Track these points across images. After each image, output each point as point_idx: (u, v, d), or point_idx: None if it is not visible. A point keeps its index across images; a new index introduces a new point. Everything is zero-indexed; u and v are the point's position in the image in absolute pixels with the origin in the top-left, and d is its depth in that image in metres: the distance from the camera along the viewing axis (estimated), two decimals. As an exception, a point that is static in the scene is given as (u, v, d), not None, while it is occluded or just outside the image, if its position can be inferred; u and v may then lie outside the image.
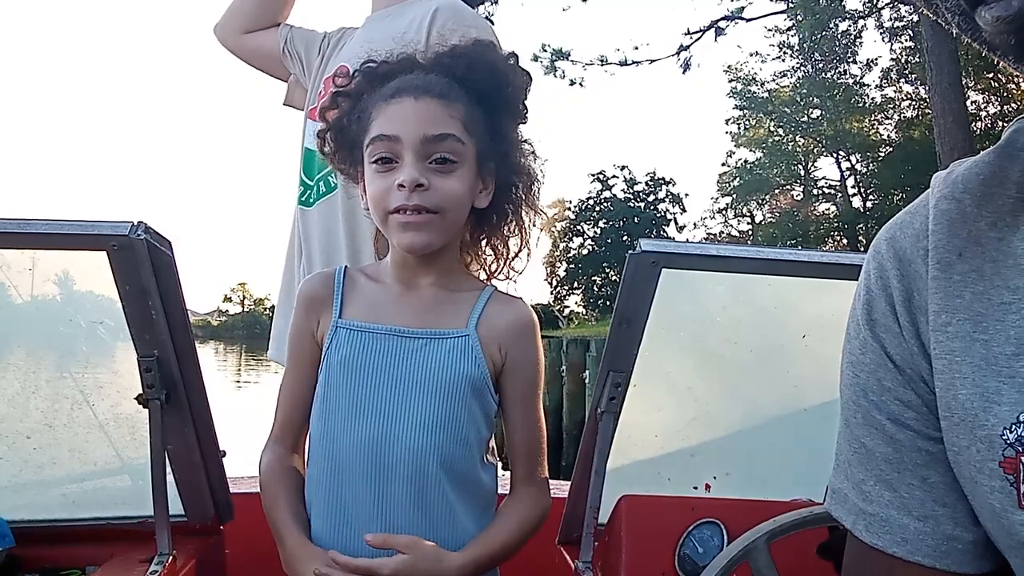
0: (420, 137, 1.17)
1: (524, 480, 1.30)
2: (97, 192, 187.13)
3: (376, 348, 1.22)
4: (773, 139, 37.19)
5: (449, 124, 1.19)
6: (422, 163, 1.17)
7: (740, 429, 1.71)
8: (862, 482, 0.75)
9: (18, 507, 1.48)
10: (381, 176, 1.19)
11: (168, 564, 1.39)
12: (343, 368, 1.22)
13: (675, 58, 18.77)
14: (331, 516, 1.21)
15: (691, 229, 45.08)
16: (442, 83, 1.22)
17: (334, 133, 1.29)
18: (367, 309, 1.26)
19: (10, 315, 1.50)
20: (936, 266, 0.70)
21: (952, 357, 0.67)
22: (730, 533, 1.51)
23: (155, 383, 1.35)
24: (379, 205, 1.19)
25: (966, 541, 0.70)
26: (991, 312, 0.66)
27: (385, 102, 1.20)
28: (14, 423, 1.51)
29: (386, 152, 1.18)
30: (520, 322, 1.27)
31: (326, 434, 1.22)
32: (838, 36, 31.16)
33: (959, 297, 0.68)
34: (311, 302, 1.27)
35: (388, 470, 1.19)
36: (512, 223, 1.32)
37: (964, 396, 0.66)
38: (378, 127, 1.19)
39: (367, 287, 1.28)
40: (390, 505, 1.19)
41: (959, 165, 0.74)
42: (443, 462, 1.20)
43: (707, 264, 1.42)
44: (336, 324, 1.24)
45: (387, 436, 1.19)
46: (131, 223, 1.25)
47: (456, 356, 1.23)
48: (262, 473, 1.27)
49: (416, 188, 1.16)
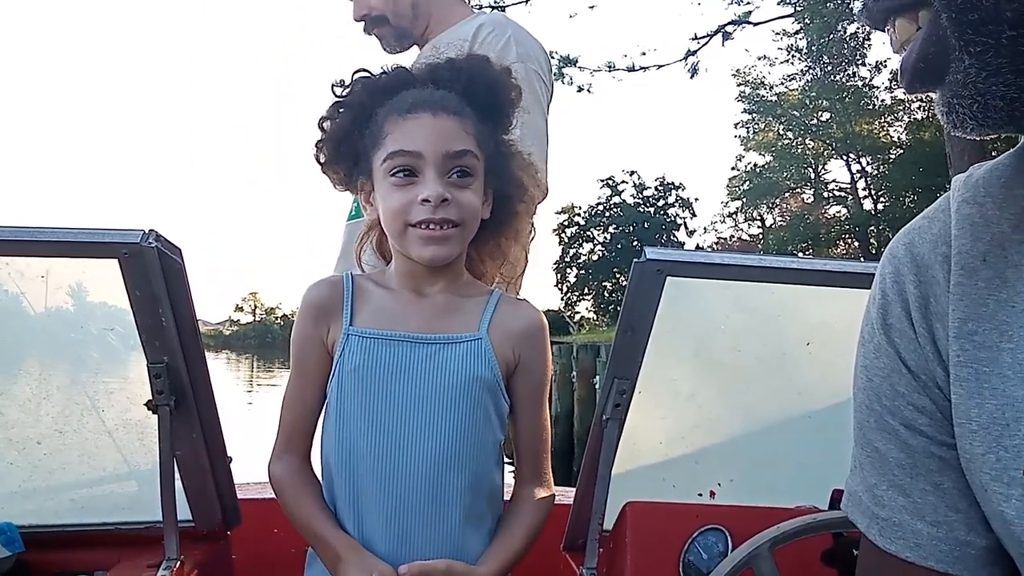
0: (442, 153, 1.19)
1: (531, 479, 1.32)
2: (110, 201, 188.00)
3: (390, 355, 1.23)
4: (783, 142, 37.09)
5: (466, 140, 1.22)
6: (443, 178, 1.20)
7: (744, 436, 1.71)
8: (875, 486, 0.75)
9: (28, 512, 1.50)
10: (401, 190, 1.21)
11: (176, 569, 1.40)
12: (357, 376, 1.23)
13: (683, 63, 18.76)
14: (348, 523, 1.23)
15: (701, 234, 45.09)
16: (455, 100, 1.24)
17: (334, 143, 1.30)
18: (378, 316, 1.27)
19: (23, 322, 1.52)
20: (960, 272, 0.70)
21: (979, 367, 0.68)
22: (734, 539, 1.51)
23: (164, 389, 1.36)
24: (398, 218, 1.21)
25: (979, 547, 0.70)
26: (1016, 320, 0.66)
27: (401, 117, 1.22)
28: (25, 429, 1.52)
29: (407, 167, 1.20)
30: (531, 324, 1.30)
31: (341, 442, 1.23)
32: (846, 39, 31.00)
33: (984, 306, 0.68)
34: (320, 309, 1.28)
35: (406, 476, 1.20)
36: (509, 233, 1.35)
37: (992, 406, 0.66)
38: (396, 142, 1.21)
39: (376, 294, 1.29)
40: (407, 511, 1.20)
41: (978, 168, 0.75)
42: (460, 466, 1.22)
43: (711, 272, 1.42)
44: (348, 332, 1.25)
45: (405, 442, 1.20)
46: (142, 231, 1.26)
47: (470, 359, 1.24)
48: (281, 484, 1.27)
49: (441, 203, 1.18)
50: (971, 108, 0.64)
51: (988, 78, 0.62)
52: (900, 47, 0.70)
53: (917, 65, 0.67)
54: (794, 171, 37.48)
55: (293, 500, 1.26)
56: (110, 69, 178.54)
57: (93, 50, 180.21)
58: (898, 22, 0.69)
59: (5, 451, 1.51)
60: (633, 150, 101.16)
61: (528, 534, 1.27)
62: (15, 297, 1.44)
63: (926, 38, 0.66)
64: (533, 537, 1.28)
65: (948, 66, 0.65)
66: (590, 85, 19.69)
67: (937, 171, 24.11)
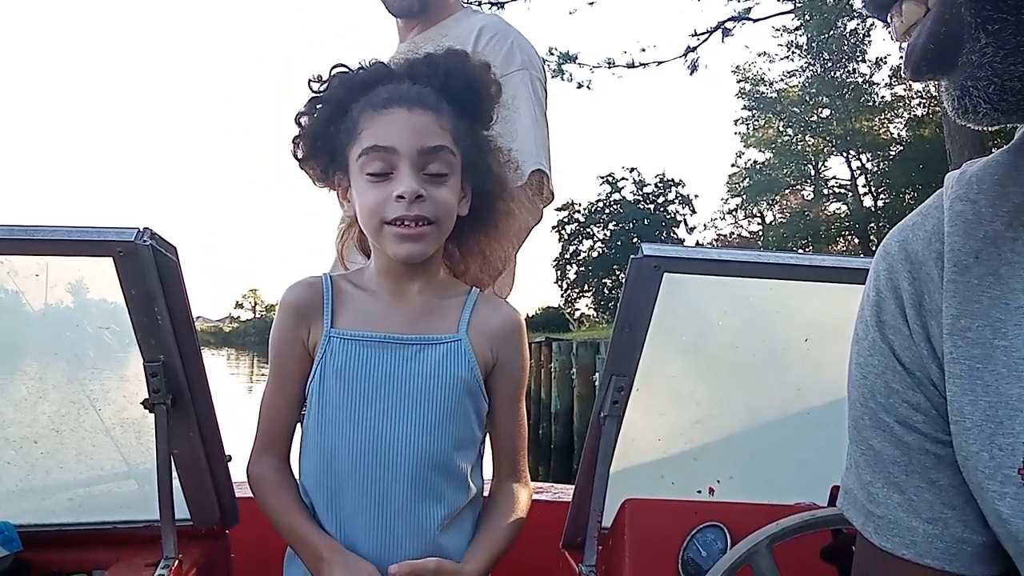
0: (417, 149, 1.18)
1: (510, 476, 1.33)
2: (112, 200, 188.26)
3: (371, 356, 1.23)
4: (782, 139, 37.05)
5: (442, 136, 1.21)
6: (418, 174, 1.19)
7: (743, 432, 1.71)
8: (869, 484, 0.75)
9: (25, 511, 1.49)
10: (375, 187, 1.20)
11: (174, 568, 1.40)
12: (338, 377, 1.23)
13: (682, 59, 18.70)
14: (328, 523, 1.22)
15: (701, 230, 45.04)
16: (431, 95, 1.23)
17: (310, 139, 1.28)
18: (358, 318, 1.26)
19: (18, 321, 1.51)
20: (952, 269, 0.69)
21: (972, 363, 0.67)
22: (733, 536, 1.51)
23: (161, 388, 1.35)
24: (374, 215, 1.20)
25: (975, 543, 0.70)
26: (1009, 317, 0.66)
27: (377, 112, 1.21)
28: (21, 428, 1.52)
29: (381, 163, 1.19)
30: (509, 324, 1.30)
31: (323, 443, 1.23)
32: (846, 35, 31.01)
33: (977, 303, 0.68)
34: (300, 310, 1.27)
35: (387, 476, 1.20)
36: (490, 231, 1.34)
37: (986, 403, 0.66)
38: (372, 137, 1.20)
39: (355, 295, 1.29)
40: (388, 510, 1.20)
41: (972, 165, 0.74)
42: (441, 465, 1.22)
43: (709, 268, 1.42)
44: (329, 333, 1.24)
45: (386, 442, 1.20)
46: (137, 229, 1.26)
47: (450, 360, 1.24)
48: (260, 484, 1.27)
49: (416, 199, 1.17)
50: (987, 91, 0.62)
51: (1007, 58, 0.60)
52: (904, 33, 0.67)
53: (927, 47, 0.64)
54: (794, 168, 37.43)
55: (272, 500, 1.25)
56: (112, 68, 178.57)
57: (94, 49, 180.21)
58: (905, 6, 0.66)
59: (2, 450, 1.51)
60: (633, 147, 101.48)
61: (510, 531, 1.28)
62: (11, 295, 1.44)
63: (938, 17, 0.63)
64: (515, 534, 1.29)
65: (961, 47, 0.62)
66: (590, 82, 19.72)
67: (937, 168, 24.07)
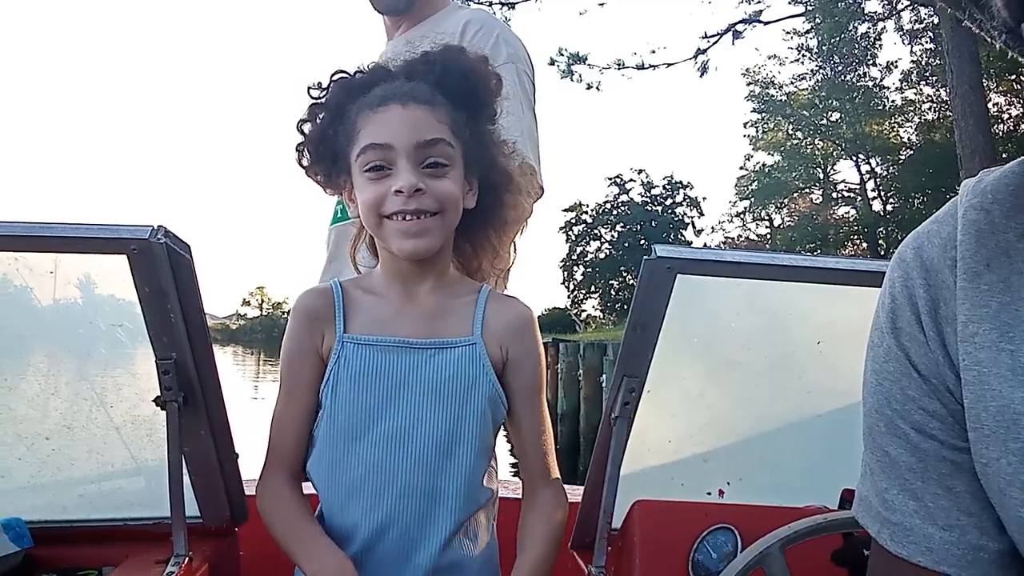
0: (413, 143, 1.18)
1: (542, 480, 1.30)
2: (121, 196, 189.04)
3: (386, 360, 1.22)
4: (792, 142, 36.97)
5: (438, 129, 1.21)
6: (416, 168, 1.19)
7: (754, 435, 1.70)
8: (885, 491, 0.75)
9: (36, 507, 1.50)
10: (374, 183, 1.20)
11: (184, 565, 1.40)
12: (353, 383, 1.22)
13: (692, 61, 18.68)
14: (342, 530, 1.22)
15: (709, 233, 44.96)
16: (425, 89, 1.23)
17: (313, 145, 1.29)
18: (371, 322, 1.26)
19: (32, 317, 1.52)
20: (964, 276, 0.69)
21: (980, 368, 0.67)
22: (744, 539, 1.50)
23: (173, 385, 1.36)
24: (374, 211, 1.20)
25: (992, 551, 0.69)
26: (1017, 323, 0.65)
27: (372, 111, 1.21)
28: (33, 424, 1.52)
29: (379, 160, 1.19)
30: (518, 319, 1.29)
31: (336, 448, 1.22)
32: (857, 38, 30.91)
33: (985, 307, 0.67)
34: (313, 317, 1.26)
35: (402, 481, 1.19)
36: (497, 224, 1.34)
37: (995, 408, 0.65)
38: (369, 136, 1.20)
39: (366, 300, 1.28)
40: (403, 516, 1.20)
41: (988, 174, 0.74)
42: (457, 470, 1.21)
43: (722, 270, 1.41)
44: (343, 339, 1.23)
45: (401, 447, 1.20)
46: (151, 227, 1.26)
47: (466, 364, 1.23)
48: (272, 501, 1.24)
49: (414, 193, 1.17)
50: None
51: None
52: None
53: None
54: (803, 171, 37.35)
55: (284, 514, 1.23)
56: (122, 66, 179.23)
57: (105, 47, 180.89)
58: None
59: (14, 447, 1.51)
60: (641, 148, 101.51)
61: (553, 539, 1.26)
62: (24, 292, 1.44)
63: None
64: (558, 541, 1.27)
65: None
66: (599, 83, 19.69)
67: (947, 173, 23.98)
